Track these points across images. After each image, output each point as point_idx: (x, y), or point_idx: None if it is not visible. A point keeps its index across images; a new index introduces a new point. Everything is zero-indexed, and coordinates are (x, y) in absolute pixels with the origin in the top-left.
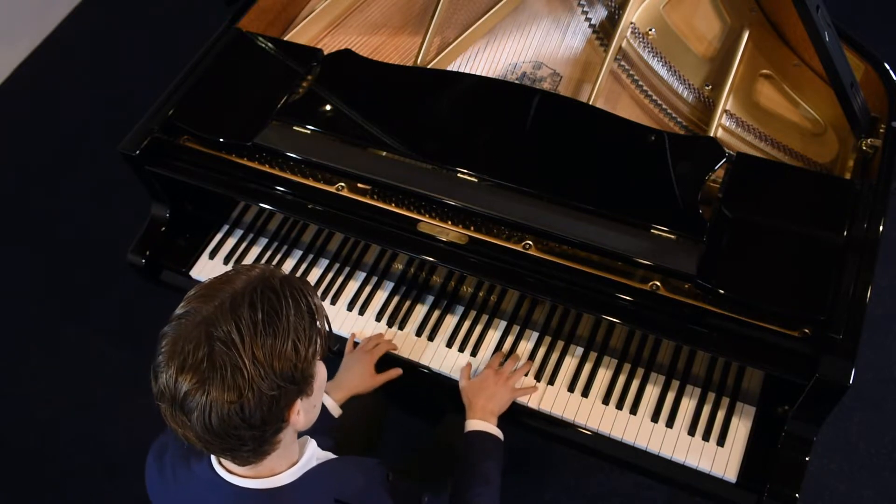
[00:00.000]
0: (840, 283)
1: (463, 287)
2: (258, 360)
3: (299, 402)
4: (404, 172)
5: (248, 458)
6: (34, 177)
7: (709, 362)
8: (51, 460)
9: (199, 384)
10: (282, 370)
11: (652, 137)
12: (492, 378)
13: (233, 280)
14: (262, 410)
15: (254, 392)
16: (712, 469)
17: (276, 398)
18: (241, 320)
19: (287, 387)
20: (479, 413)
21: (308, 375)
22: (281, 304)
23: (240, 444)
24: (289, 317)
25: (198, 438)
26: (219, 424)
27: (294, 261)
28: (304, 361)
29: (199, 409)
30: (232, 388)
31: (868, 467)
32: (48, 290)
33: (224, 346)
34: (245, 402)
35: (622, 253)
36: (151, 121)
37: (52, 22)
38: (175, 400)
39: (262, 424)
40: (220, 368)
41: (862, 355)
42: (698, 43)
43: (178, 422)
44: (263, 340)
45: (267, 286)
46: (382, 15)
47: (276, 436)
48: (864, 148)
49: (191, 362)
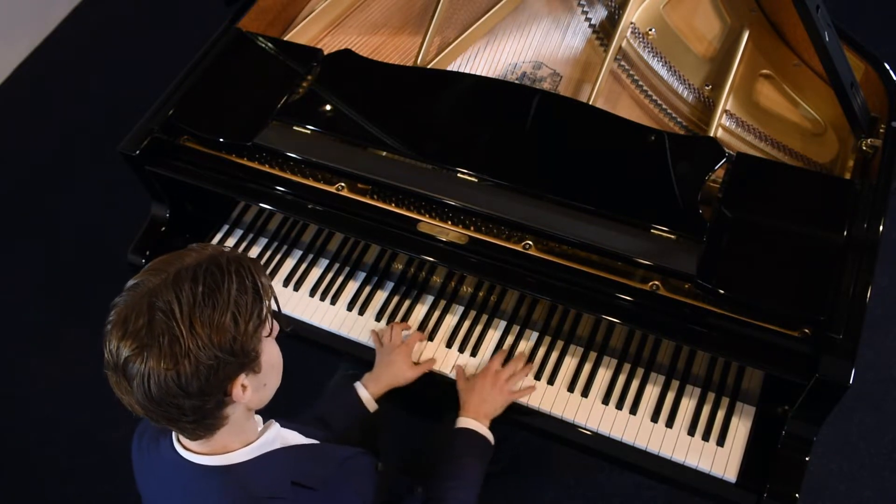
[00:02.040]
0: (840, 283)
1: (463, 287)
2: (195, 330)
3: (243, 377)
4: (404, 172)
5: (194, 430)
6: (34, 177)
7: (709, 362)
8: (51, 460)
9: (138, 350)
10: (220, 341)
11: (652, 137)
12: (490, 380)
13: (183, 257)
14: (198, 380)
15: (190, 361)
16: (712, 469)
17: (214, 368)
18: (182, 292)
19: (225, 358)
20: (472, 413)
21: (249, 350)
22: (223, 279)
23: (180, 414)
24: (230, 291)
25: (140, 406)
26: (157, 392)
27: (294, 260)
28: (244, 335)
29: (139, 376)
30: (168, 356)
31: (868, 467)
32: (48, 290)
33: (164, 316)
34: (181, 370)
35: (622, 253)
36: (151, 121)
37: (52, 22)
38: (118, 367)
39: (199, 394)
40: (158, 336)
41: (862, 355)
42: (698, 43)
43: (122, 389)
44: (202, 311)
45: (213, 263)
46: (382, 15)
47: (220, 410)
48: (864, 148)
49: (131, 330)
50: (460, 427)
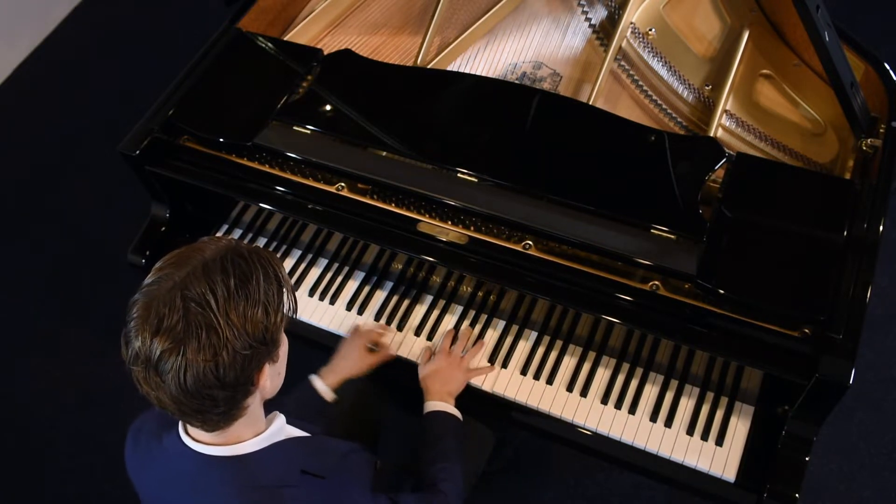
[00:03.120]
0: (840, 283)
1: (462, 287)
2: (232, 320)
3: (268, 367)
4: (404, 172)
5: (219, 421)
6: (34, 177)
7: (708, 362)
8: (51, 460)
9: (174, 345)
10: (254, 332)
11: (652, 137)
12: (445, 361)
13: (202, 249)
14: (235, 370)
15: (228, 351)
16: (711, 468)
17: (249, 358)
18: (216, 283)
19: (259, 348)
20: (437, 395)
21: (277, 339)
22: (251, 270)
23: (212, 405)
24: (259, 282)
25: (171, 400)
26: (193, 384)
27: (293, 260)
28: (274, 325)
29: (175, 370)
30: (207, 347)
31: (868, 467)
32: (48, 290)
33: (199, 307)
34: (220, 361)
35: (622, 253)
36: (151, 121)
37: (52, 22)
38: (150, 362)
39: (234, 384)
40: (196, 328)
41: (862, 355)
42: (698, 43)
43: (152, 384)
44: (237, 302)
45: (236, 253)
46: (382, 15)
47: (245, 399)
48: (864, 148)
49: (166, 325)
50: (432, 411)
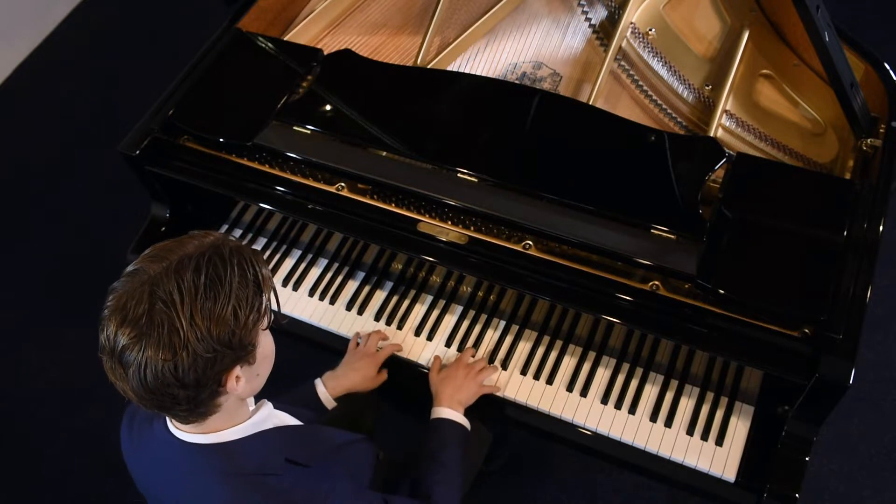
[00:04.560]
0: (840, 283)
1: (462, 287)
2: (195, 322)
3: (238, 369)
4: (404, 172)
5: (186, 417)
6: (34, 177)
7: (708, 362)
8: (51, 460)
9: (136, 339)
10: (219, 334)
11: (652, 137)
12: (462, 370)
13: (185, 244)
14: (195, 371)
15: (188, 352)
16: (711, 468)
17: (211, 361)
18: (184, 282)
19: (223, 351)
20: (447, 402)
21: (247, 343)
22: (226, 271)
23: (173, 403)
24: (231, 283)
25: (134, 393)
26: (153, 381)
27: (293, 260)
28: (243, 328)
29: (136, 365)
30: (167, 346)
31: (868, 467)
32: (48, 290)
33: (164, 305)
34: (179, 361)
35: (622, 253)
36: (151, 121)
37: (52, 22)
38: (114, 353)
39: (195, 385)
40: (158, 326)
41: (862, 355)
42: (698, 43)
43: (117, 375)
44: (203, 303)
45: (216, 253)
46: (382, 15)
47: (213, 399)
48: (864, 148)
49: (131, 317)
50: (439, 417)
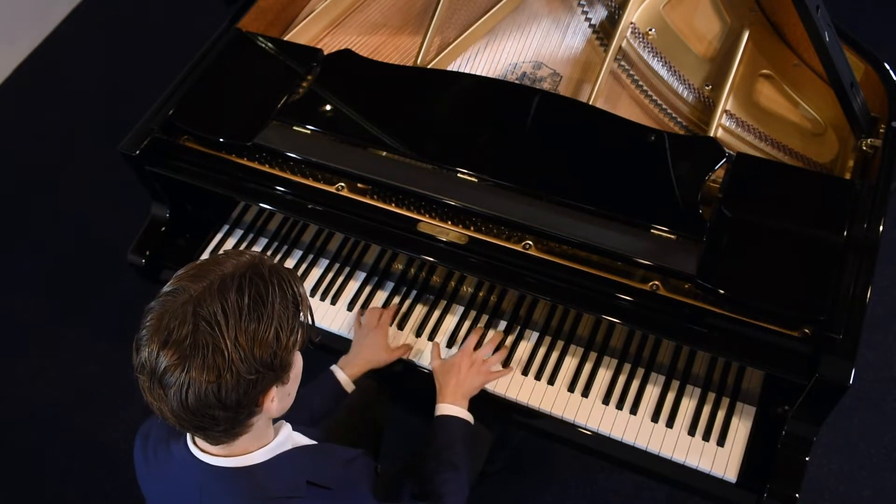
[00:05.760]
0: (840, 283)
1: (463, 287)
2: (240, 343)
3: (274, 390)
4: (404, 172)
5: (221, 438)
6: (34, 177)
7: (709, 362)
8: (51, 460)
9: (179, 361)
10: (261, 356)
11: (652, 137)
12: (466, 361)
13: (223, 263)
14: (237, 393)
15: (232, 374)
16: (712, 469)
17: (253, 383)
18: (228, 302)
19: (265, 373)
20: (450, 397)
21: (286, 364)
22: (268, 291)
23: (213, 424)
24: (274, 304)
25: (172, 414)
26: (194, 402)
27: (294, 261)
28: (284, 349)
29: (178, 386)
30: (212, 367)
31: (868, 467)
32: (48, 290)
33: (208, 326)
34: (222, 383)
35: (622, 253)
36: (151, 121)
37: (52, 22)
38: (154, 374)
39: (236, 406)
40: (202, 347)
41: (862, 355)
42: (698, 43)
43: (156, 395)
44: (247, 325)
45: (256, 272)
46: (382, 15)
47: (248, 419)
48: (864, 148)
49: (174, 339)
50: (442, 414)
